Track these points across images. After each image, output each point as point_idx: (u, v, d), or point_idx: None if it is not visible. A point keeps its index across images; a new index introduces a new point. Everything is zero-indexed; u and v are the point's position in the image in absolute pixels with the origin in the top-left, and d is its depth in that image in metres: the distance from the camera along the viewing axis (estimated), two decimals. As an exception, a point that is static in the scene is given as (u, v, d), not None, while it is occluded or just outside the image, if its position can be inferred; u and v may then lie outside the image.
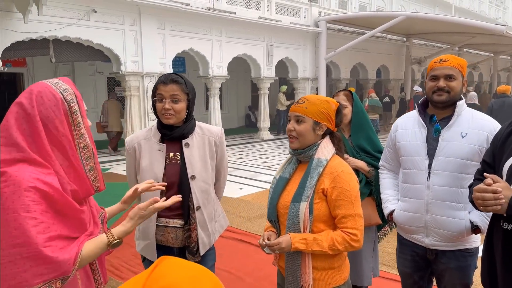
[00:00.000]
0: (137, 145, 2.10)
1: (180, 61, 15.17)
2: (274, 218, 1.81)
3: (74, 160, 1.36)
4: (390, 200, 2.27)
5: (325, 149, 1.75)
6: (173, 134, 2.04)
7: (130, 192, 1.69)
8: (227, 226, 2.37)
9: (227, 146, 12.05)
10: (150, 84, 10.35)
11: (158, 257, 2.05)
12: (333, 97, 2.69)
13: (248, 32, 12.55)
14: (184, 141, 2.07)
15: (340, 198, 1.66)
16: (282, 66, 14.54)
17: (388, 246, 4.08)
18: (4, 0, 7.88)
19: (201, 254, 2.11)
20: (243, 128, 17.63)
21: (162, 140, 2.08)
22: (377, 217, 2.56)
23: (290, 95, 15.85)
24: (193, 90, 2.09)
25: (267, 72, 13.44)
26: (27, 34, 8.37)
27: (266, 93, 13.74)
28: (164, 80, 2.00)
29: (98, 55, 9.96)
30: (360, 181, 2.53)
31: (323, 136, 1.80)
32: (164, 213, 2.05)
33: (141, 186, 1.68)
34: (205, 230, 2.12)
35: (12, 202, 1.20)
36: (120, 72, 9.96)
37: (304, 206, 1.67)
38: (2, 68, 8.25)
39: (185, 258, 2.09)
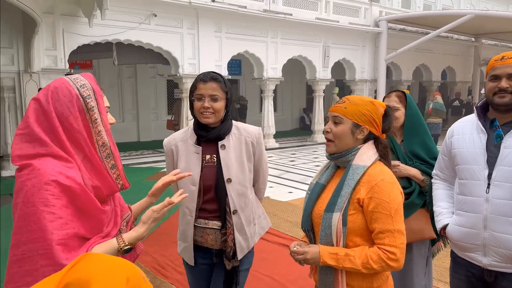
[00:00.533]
0: (174, 147, 2.07)
1: (236, 64, 15.34)
2: (308, 227, 1.68)
3: (92, 157, 1.33)
4: (444, 213, 2.05)
5: (365, 155, 1.58)
6: (209, 136, 1.99)
7: (158, 184, 1.64)
8: (269, 227, 2.29)
9: (279, 148, 12.04)
10: (205, 86, 10.54)
11: (196, 260, 2.04)
12: (384, 99, 2.50)
13: (304, 33, 12.40)
14: (220, 143, 2.00)
15: (378, 211, 1.49)
16: (338, 68, 14.20)
17: (446, 261, 3.76)
18: (71, 5, 8.40)
19: (239, 258, 2.04)
20: (297, 130, 17.45)
21: (198, 141, 2.03)
22: (431, 230, 2.35)
23: (346, 97, 15.40)
24: (231, 89, 2.03)
25: (323, 73, 13.18)
26: (92, 38, 8.86)
27: (321, 95, 13.48)
28: (203, 78, 1.95)
29: (158, 57, 10.31)
30: (413, 191, 2.33)
31: (365, 141, 1.64)
32: (203, 214, 2.03)
33: (167, 178, 1.63)
34: (243, 234, 2.05)
35: (32, 195, 1.18)
36: (178, 75, 10.24)
37: (337, 217, 1.52)
38: (69, 70, 8.77)
39: (223, 261, 2.04)
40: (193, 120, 2.07)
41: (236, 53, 11.25)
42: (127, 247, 1.33)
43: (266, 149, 11.99)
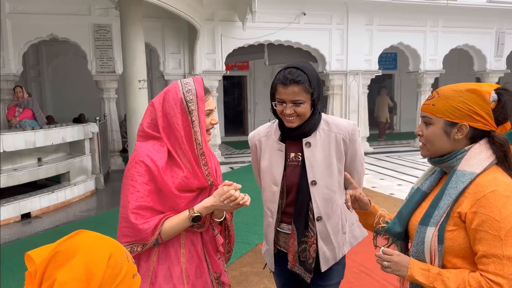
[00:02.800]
0: (257, 143, 1.92)
1: (391, 57, 14.48)
2: (401, 239, 1.43)
3: (186, 153, 1.52)
4: None
5: (475, 159, 1.26)
6: (293, 134, 1.79)
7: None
8: (364, 237, 1.98)
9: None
10: (353, 82, 10.26)
11: (278, 265, 1.92)
12: None
13: (471, 19, 10.91)
14: (304, 140, 1.78)
15: (483, 229, 1.18)
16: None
17: None
18: (228, 11, 9.13)
19: (323, 270, 1.82)
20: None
21: (282, 138, 1.84)
22: None
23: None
24: (318, 82, 1.74)
25: (495, 64, 11.40)
26: (246, 41, 9.48)
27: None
28: (283, 80, 1.68)
29: (306, 56, 10.42)
30: None
31: (474, 140, 1.30)
32: (286, 218, 1.86)
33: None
34: (328, 243, 1.81)
35: (127, 170, 1.49)
36: (324, 72, 10.17)
37: (431, 232, 1.25)
38: (225, 72, 9.57)
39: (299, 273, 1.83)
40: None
41: (389, 45, 10.58)
42: (196, 215, 1.47)
43: (417, 150, 11.05)
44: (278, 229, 1.88)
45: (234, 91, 17.11)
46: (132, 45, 6.25)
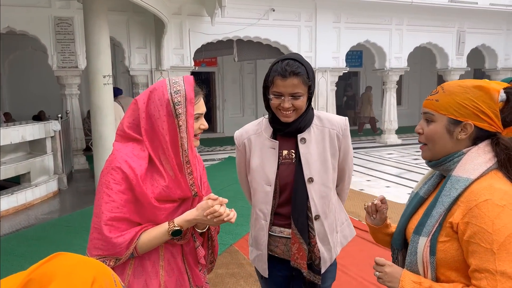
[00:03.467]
0: (246, 141, 1.81)
1: (357, 55, 14.70)
2: (398, 246, 1.36)
3: (170, 160, 1.39)
4: None
5: (471, 163, 1.16)
6: (287, 129, 1.71)
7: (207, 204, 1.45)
8: (353, 237, 1.95)
9: (402, 145, 11.16)
10: (321, 79, 10.31)
11: (269, 271, 1.81)
12: None
13: (434, 18, 11.24)
14: (299, 136, 1.71)
15: (475, 242, 1.09)
16: (475, 55, 12.56)
17: None
18: (196, 5, 8.94)
19: (322, 271, 1.75)
20: (425, 125, 15.97)
21: (274, 135, 1.76)
22: None
23: None
24: (313, 75, 1.69)
25: (456, 62, 11.79)
26: (215, 36, 9.31)
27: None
28: (282, 72, 1.60)
29: (275, 52, 10.38)
30: None
31: (477, 142, 1.21)
32: (277, 221, 1.76)
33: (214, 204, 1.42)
34: (325, 243, 1.75)
35: (103, 176, 1.35)
36: (294, 68, 10.15)
37: (423, 242, 1.18)
38: (194, 68, 9.37)
39: (301, 273, 1.74)
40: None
41: (356, 43, 10.72)
42: (176, 228, 1.35)
43: (387, 146, 11.33)
44: (270, 232, 1.78)
45: (202, 88, 16.86)
46: (97, 38, 5.97)
